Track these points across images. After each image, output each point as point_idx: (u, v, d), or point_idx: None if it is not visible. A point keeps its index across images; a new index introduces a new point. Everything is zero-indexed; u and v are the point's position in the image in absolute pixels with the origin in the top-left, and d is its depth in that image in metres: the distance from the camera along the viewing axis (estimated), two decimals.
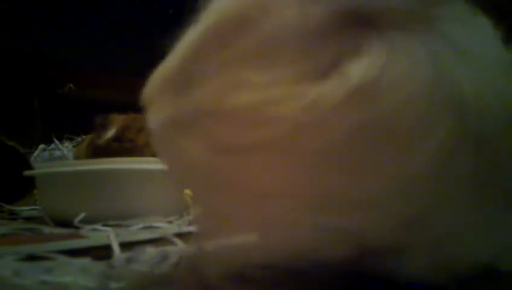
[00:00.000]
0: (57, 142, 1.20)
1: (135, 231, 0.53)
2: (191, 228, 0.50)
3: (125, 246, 0.39)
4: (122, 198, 0.63)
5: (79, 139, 1.23)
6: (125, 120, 0.84)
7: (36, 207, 0.82)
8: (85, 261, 0.35)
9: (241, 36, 0.24)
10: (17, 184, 0.85)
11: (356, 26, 0.24)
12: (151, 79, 0.28)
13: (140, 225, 0.56)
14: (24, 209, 0.84)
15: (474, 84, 0.23)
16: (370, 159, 0.22)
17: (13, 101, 1.41)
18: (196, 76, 0.25)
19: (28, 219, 0.75)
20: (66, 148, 1.19)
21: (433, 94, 0.22)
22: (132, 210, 0.62)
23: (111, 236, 0.41)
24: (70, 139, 1.25)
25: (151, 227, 0.56)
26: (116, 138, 0.82)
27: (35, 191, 0.81)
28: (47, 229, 0.60)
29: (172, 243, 0.41)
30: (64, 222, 0.62)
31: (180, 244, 0.39)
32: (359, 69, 0.22)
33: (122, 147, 0.82)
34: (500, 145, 0.24)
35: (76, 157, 0.98)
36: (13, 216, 0.80)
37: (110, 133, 0.82)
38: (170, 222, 0.59)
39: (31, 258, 0.37)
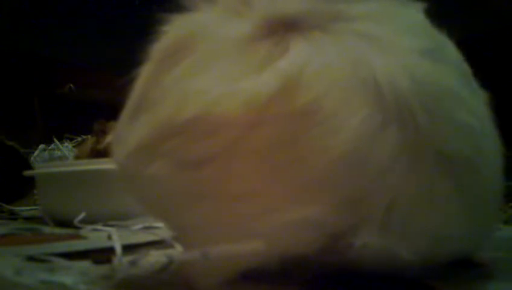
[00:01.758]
0: (57, 142, 1.20)
1: (135, 232, 0.53)
2: None
3: (125, 248, 0.39)
4: (122, 198, 0.63)
5: (79, 139, 1.23)
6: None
7: (36, 207, 0.82)
8: (85, 264, 0.34)
9: (183, 56, 0.27)
10: (17, 184, 0.85)
11: (281, 30, 0.27)
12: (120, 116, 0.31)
13: (140, 225, 0.56)
14: (24, 209, 0.84)
15: (386, 67, 0.26)
16: (303, 145, 0.25)
17: (13, 101, 1.41)
18: (151, 100, 0.27)
19: (28, 219, 0.75)
20: (66, 148, 1.19)
21: (350, 80, 0.25)
22: (132, 210, 0.62)
23: (114, 237, 0.41)
24: (70, 139, 1.24)
25: (151, 227, 0.55)
26: None
27: (35, 191, 0.81)
28: (47, 230, 0.60)
29: (172, 245, 0.41)
30: (64, 222, 0.62)
31: (179, 246, 0.39)
32: (284, 64, 0.25)
33: None
34: (419, 116, 0.26)
35: (77, 157, 0.97)
36: (13, 216, 0.80)
37: (110, 138, 0.81)
38: None
39: (31, 259, 0.37)
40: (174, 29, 0.29)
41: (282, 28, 0.27)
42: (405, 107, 0.26)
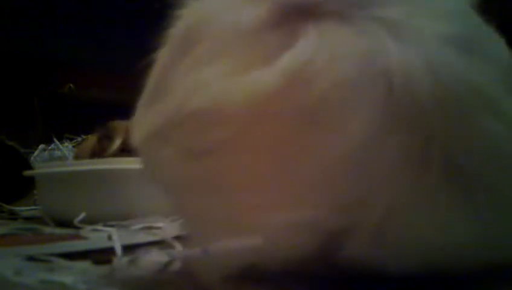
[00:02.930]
0: (57, 142, 1.19)
1: (135, 232, 0.53)
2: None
3: (125, 248, 0.39)
4: (122, 198, 0.63)
5: (79, 139, 1.23)
6: (129, 127, 0.82)
7: (36, 207, 0.81)
8: (85, 264, 0.34)
9: (195, 43, 0.27)
10: (17, 184, 0.85)
11: (294, 18, 0.25)
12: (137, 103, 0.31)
13: (141, 226, 0.56)
14: (24, 209, 0.84)
15: (404, 59, 0.23)
16: (301, 144, 0.24)
17: (13, 101, 1.41)
18: (164, 88, 0.28)
19: (28, 219, 0.75)
20: (66, 148, 1.19)
21: (359, 76, 0.23)
22: (132, 210, 0.62)
23: (114, 237, 0.41)
24: (70, 139, 1.24)
25: (151, 227, 0.55)
26: (122, 149, 0.80)
27: (35, 191, 0.81)
28: (47, 230, 0.60)
29: (172, 245, 0.41)
30: (64, 222, 0.62)
31: (179, 246, 0.39)
32: (289, 58, 0.24)
33: (128, 151, 0.80)
34: (434, 121, 0.23)
35: (77, 157, 0.97)
36: (13, 216, 0.80)
37: (115, 145, 0.80)
38: (170, 222, 0.59)
39: (31, 259, 0.37)
40: (188, 15, 0.28)
41: (296, 15, 0.25)
42: (419, 109, 0.23)
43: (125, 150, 0.79)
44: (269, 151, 0.24)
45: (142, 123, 0.29)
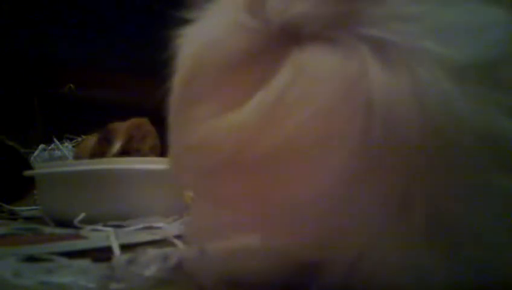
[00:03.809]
0: (57, 142, 1.19)
1: (135, 232, 0.53)
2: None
3: (125, 247, 0.39)
4: (122, 198, 0.63)
5: (79, 139, 1.23)
6: (129, 129, 0.82)
7: (36, 207, 0.81)
8: (85, 262, 0.34)
9: (194, 84, 0.28)
10: (17, 184, 0.85)
11: (277, 44, 0.24)
12: None
13: (141, 225, 0.56)
14: (24, 209, 0.84)
15: (388, 87, 0.21)
16: (283, 177, 0.23)
17: (13, 101, 1.40)
18: (175, 123, 0.30)
19: (28, 219, 0.75)
20: (66, 148, 1.19)
21: (338, 108, 0.22)
22: (132, 210, 0.62)
23: (111, 238, 0.41)
24: (70, 139, 1.24)
25: (151, 227, 0.55)
26: (122, 151, 0.80)
27: (35, 191, 0.81)
28: (47, 230, 0.60)
29: (172, 244, 0.41)
30: (64, 222, 0.62)
31: (180, 245, 0.39)
32: (265, 92, 0.24)
33: (130, 153, 0.80)
34: (417, 160, 0.21)
35: (77, 157, 0.97)
36: (13, 216, 0.80)
37: (115, 148, 0.80)
38: (170, 222, 0.59)
39: (31, 259, 0.37)
40: (184, 56, 0.29)
41: (279, 41, 0.24)
42: (400, 146, 0.21)
43: (125, 152, 0.79)
44: (248, 180, 0.25)
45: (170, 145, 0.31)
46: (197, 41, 0.28)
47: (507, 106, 0.22)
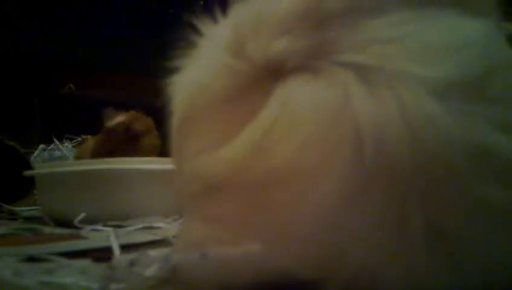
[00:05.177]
0: (57, 142, 1.20)
1: (135, 232, 0.53)
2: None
3: (125, 247, 0.39)
4: (122, 198, 0.63)
5: (79, 139, 1.23)
6: (131, 115, 0.84)
7: (36, 207, 0.82)
8: (85, 263, 0.34)
9: (188, 122, 0.29)
10: (17, 184, 0.85)
11: (262, 79, 0.25)
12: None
13: (141, 226, 0.56)
14: (24, 209, 0.84)
15: (375, 112, 0.21)
16: (276, 204, 0.24)
17: (13, 101, 1.41)
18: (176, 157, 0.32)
19: (28, 219, 0.75)
20: (66, 148, 1.19)
21: (325, 136, 0.22)
22: (132, 210, 0.62)
23: (111, 238, 0.41)
24: (70, 139, 1.25)
25: (151, 227, 0.55)
26: (126, 125, 0.82)
27: (35, 191, 0.81)
28: (47, 230, 0.60)
29: (171, 245, 0.41)
30: (64, 222, 0.62)
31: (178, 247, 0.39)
32: (252, 127, 0.24)
33: (131, 134, 0.82)
34: (411, 180, 0.21)
35: (78, 157, 0.97)
36: (13, 216, 0.80)
37: (120, 118, 0.82)
38: (170, 222, 0.59)
39: (31, 259, 0.37)
40: (177, 101, 0.31)
41: (264, 76, 0.25)
42: (393, 169, 0.21)
43: (126, 127, 0.81)
44: (236, 205, 0.26)
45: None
46: (188, 86, 0.30)
47: (496, 119, 0.22)
